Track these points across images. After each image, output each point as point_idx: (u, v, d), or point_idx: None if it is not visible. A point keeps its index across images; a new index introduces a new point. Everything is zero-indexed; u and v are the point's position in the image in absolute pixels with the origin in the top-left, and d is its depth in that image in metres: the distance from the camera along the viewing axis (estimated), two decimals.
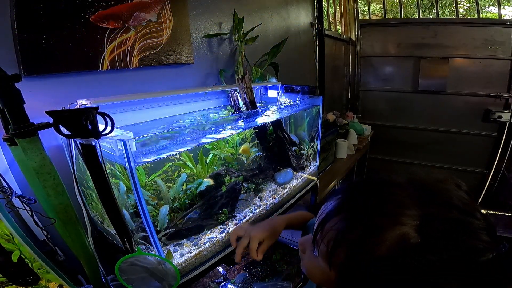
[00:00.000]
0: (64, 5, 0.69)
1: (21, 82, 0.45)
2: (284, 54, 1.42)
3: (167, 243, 0.77)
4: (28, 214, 0.59)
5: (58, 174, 0.52)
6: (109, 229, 0.73)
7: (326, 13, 2.47)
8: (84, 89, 0.79)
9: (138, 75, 0.92)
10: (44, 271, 0.54)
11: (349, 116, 2.45)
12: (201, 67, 1.14)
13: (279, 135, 1.16)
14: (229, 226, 0.89)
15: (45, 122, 0.48)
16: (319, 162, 1.33)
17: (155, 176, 0.77)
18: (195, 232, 0.82)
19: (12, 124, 0.46)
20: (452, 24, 2.71)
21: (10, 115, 0.45)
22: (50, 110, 0.46)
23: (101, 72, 0.81)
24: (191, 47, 1.04)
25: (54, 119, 0.46)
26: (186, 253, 0.76)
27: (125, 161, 0.56)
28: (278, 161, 1.19)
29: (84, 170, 0.63)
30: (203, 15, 1.11)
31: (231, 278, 1.44)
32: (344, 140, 2.02)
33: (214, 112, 1.11)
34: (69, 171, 0.65)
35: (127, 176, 0.61)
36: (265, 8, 1.51)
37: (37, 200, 0.54)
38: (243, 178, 1.01)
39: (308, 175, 1.26)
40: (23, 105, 0.46)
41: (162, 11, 0.92)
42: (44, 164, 0.49)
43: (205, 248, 0.79)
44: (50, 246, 0.65)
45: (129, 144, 0.55)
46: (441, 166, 3.05)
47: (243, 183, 1.03)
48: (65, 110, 0.51)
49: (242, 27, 1.17)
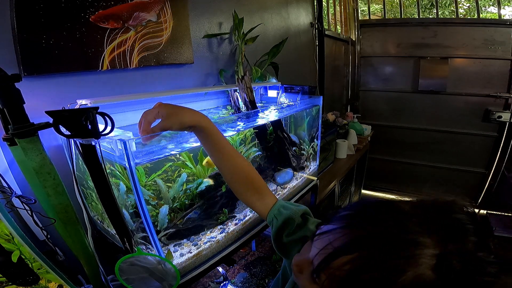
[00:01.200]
0: (64, 5, 0.69)
1: (20, 82, 0.45)
2: (284, 54, 1.42)
3: (167, 243, 0.77)
4: (28, 214, 0.59)
5: (58, 174, 0.51)
6: (109, 229, 0.73)
7: (326, 13, 2.47)
8: (84, 89, 0.79)
9: (138, 75, 0.92)
10: (44, 271, 0.54)
11: (349, 116, 2.45)
12: (201, 67, 1.14)
13: (279, 135, 1.16)
14: (229, 226, 0.89)
15: (45, 122, 0.48)
16: (319, 162, 1.33)
17: (155, 176, 0.77)
18: (195, 232, 0.82)
19: (12, 124, 0.46)
20: (452, 24, 2.71)
21: (10, 115, 0.45)
22: (50, 110, 0.46)
23: (101, 72, 0.81)
24: (191, 47, 1.04)
25: (54, 119, 0.46)
26: (186, 253, 0.76)
27: (125, 161, 0.56)
28: (278, 161, 1.19)
29: (84, 170, 0.64)
30: (203, 15, 1.11)
31: (231, 278, 1.45)
32: (344, 140, 2.02)
33: (214, 112, 1.11)
34: (69, 171, 0.65)
35: (127, 176, 0.60)
36: (265, 8, 1.51)
37: (37, 200, 0.54)
38: None
39: (308, 175, 1.26)
40: (23, 105, 0.46)
41: (162, 11, 0.92)
42: (44, 164, 0.49)
43: (205, 248, 0.79)
44: (50, 246, 0.65)
45: (129, 144, 0.55)
46: (441, 166, 3.06)
47: None
48: (65, 110, 0.51)
49: (242, 27, 1.17)
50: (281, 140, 1.16)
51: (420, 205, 0.36)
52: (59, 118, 0.47)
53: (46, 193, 0.50)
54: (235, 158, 0.62)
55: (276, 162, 1.19)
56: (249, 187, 0.63)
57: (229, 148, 0.61)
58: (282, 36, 1.60)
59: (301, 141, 1.28)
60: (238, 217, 0.94)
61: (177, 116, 0.56)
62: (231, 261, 0.88)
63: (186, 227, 0.80)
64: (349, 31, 2.88)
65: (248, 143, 1.09)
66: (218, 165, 0.63)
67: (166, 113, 0.55)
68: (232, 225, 0.90)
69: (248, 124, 0.92)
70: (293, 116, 1.31)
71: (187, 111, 0.57)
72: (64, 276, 0.58)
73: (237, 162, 0.62)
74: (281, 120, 1.17)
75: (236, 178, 0.63)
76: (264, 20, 1.49)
